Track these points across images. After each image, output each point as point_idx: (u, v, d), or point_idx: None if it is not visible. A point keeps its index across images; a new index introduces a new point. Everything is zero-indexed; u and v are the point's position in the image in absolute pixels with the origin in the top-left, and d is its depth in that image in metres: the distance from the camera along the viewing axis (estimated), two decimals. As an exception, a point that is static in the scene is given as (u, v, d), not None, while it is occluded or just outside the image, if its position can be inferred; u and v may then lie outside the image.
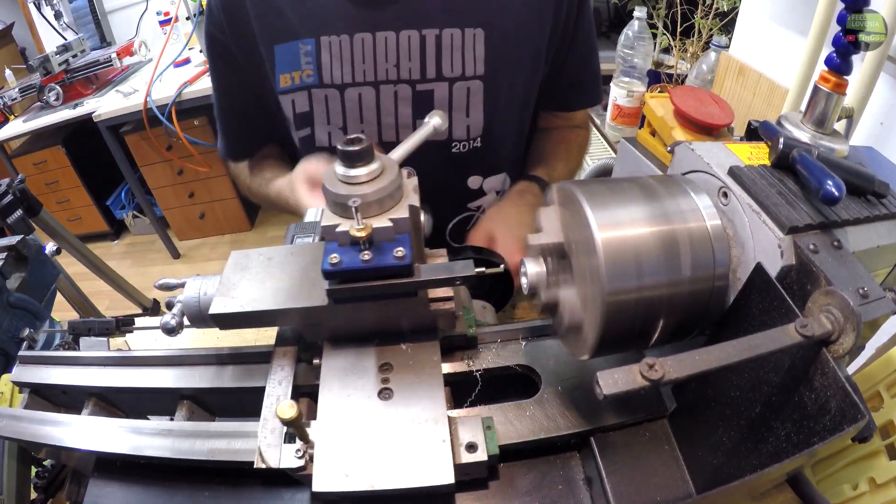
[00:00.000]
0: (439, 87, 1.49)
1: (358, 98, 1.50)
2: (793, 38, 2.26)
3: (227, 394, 1.06)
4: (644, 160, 1.09)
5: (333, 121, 1.53)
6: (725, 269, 0.78)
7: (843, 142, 0.95)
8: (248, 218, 5.68)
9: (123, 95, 4.66)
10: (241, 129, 1.72)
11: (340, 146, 0.86)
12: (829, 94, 0.93)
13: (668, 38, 3.20)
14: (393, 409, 0.86)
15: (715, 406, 0.82)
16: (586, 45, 1.65)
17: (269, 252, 1.00)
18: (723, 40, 2.79)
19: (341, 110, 1.51)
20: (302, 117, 1.54)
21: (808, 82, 1.98)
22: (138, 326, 1.35)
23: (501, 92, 1.54)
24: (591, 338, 0.78)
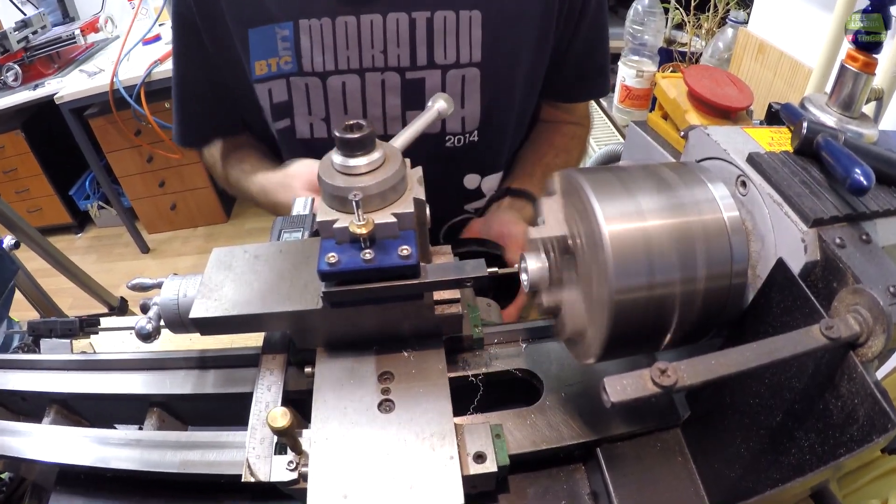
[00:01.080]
0: (431, 76, 1.47)
1: (341, 87, 1.47)
2: (817, 13, 2.26)
3: (207, 400, 1.06)
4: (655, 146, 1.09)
5: (315, 112, 1.51)
6: (744, 265, 0.78)
7: (873, 126, 0.95)
8: (223, 209, 5.68)
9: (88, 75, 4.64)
10: (199, 115, 1.68)
11: (338, 133, 0.85)
12: (857, 74, 0.93)
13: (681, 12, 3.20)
14: (395, 423, 0.86)
15: (732, 414, 0.81)
16: (594, 29, 1.63)
17: (255, 249, 0.99)
18: (741, 15, 2.79)
19: (323, 100, 1.49)
20: (280, 107, 1.52)
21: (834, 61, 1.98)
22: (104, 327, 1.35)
23: (501, 81, 1.52)
24: (597, 340, 0.78)
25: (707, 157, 0.89)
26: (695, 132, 0.92)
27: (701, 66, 1.13)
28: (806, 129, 0.81)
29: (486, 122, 1.56)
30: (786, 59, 2.37)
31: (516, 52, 1.50)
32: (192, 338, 1.27)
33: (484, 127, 1.57)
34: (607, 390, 0.60)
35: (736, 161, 0.83)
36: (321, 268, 0.81)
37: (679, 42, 3.32)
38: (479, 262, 0.87)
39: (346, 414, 0.86)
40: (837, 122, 0.94)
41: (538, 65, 1.58)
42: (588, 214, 0.76)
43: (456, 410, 0.87)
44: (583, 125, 1.89)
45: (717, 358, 0.63)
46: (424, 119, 1.04)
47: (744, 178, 0.82)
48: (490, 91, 1.51)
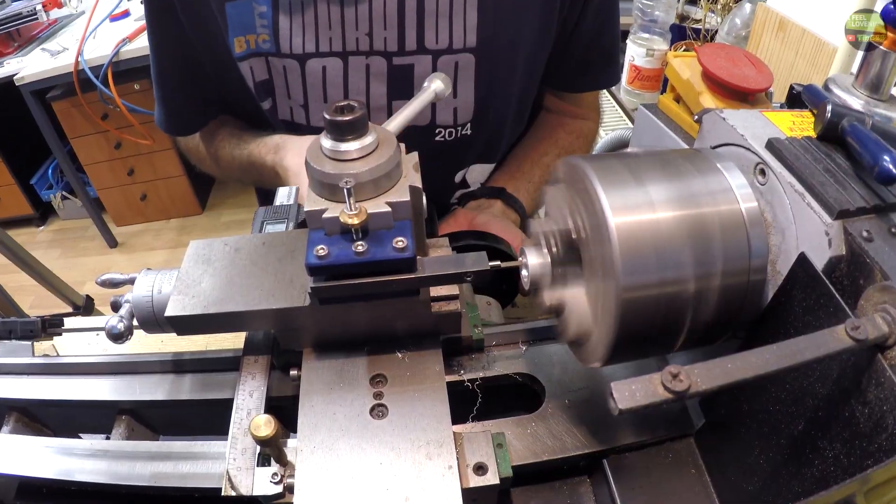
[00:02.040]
0: (421, 62, 1.44)
1: (321, 71, 1.45)
2: (842, -12, 2.26)
3: (182, 407, 1.06)
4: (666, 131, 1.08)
5: (294, 96, 1.50)
6: (763, 260, 0.78)
7: (902, 109, 0.95)
8: (198, 199, 5.66)
9: (51, 55, 4.62)
10: (188, 98, 1.66)
11: (328, 115, 0.84)
12: (886, 52, 0.93)
13: (694, -14, 3.20)
14: (388, 430, 0.86)
15: (750, 422, 0.82)
16: (603, 12, 1.60)
17: (236, 241, 0.99)
18: (759, -11, 2.79)
19: (301, 86, 1.47)
20: (263, 86, 1.50)
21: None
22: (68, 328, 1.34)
23: (498, 68, 1.49)
24: (603, 342, 0.78)
25: (723, 143, 0.89)
26: (709, 116, 0.92)
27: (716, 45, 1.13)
28: (830, 112, 0.81)
29: (480, 114, 1.54)
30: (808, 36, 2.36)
31: (515, 36, 1.47)
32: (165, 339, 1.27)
33: (478, 119, 1.55)
34: (614, 396, 0.60)
35: (754, 147, 0.83)
36: (309, 261, 0.81)
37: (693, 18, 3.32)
38: (479, 256, 0.87)
39: (336, 420, 0.86)
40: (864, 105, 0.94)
41: (540, 51, 1.56)
42: (593, 205, 0.76)
43: (453, 418, 0.87)
44: (590, 119, 1.87)
45: (733, 361, 0.63)
46: (420, 101, 1.03)
47: (763, 166, 0.82)
48: (486, 80, 1.49)
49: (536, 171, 1.71)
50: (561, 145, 1.78)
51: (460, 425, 0.92)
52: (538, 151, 1.76)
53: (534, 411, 0.95)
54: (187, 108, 1.68)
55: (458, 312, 0.94)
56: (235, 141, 1.63)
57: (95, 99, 4.67)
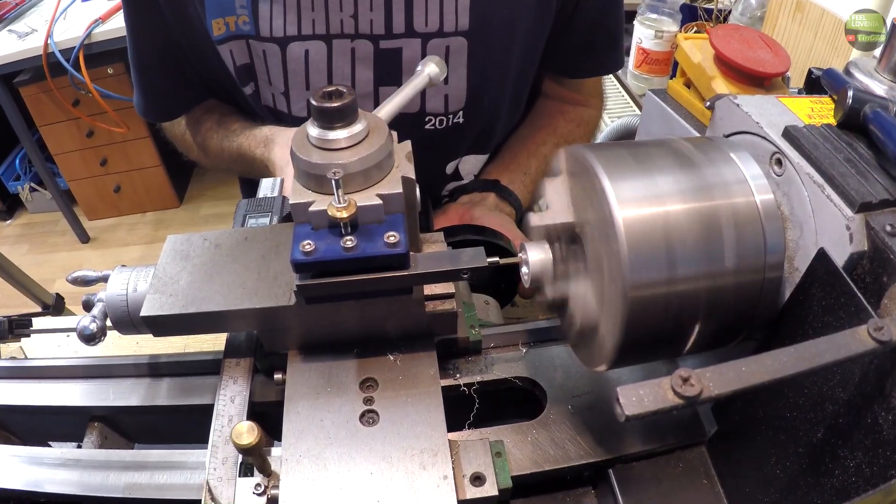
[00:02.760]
0: (409, 46, 1.43)
1: (304, 56, 1.44)
2: (863, -35, 2.26)
3: (158, 414, 1.05)
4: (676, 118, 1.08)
5: (275, 83, 1.49)
6: (779, 256, 0.78)
7: (928, 95, 0.95)
8: (175, 191, 5.65)
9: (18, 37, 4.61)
10: (169, 82, 1.65)
11: (315, 101, 0.83)
12: (911, 34, 0.93)
13: (706, -36, 3.20)
14: (379, 438, 0.86)
15: (766, 430, 0.82)
16: None
17: (216, 237, 0.99)
18: (776, -33, 2.79)
19: (282, 71, 1.46)
20: (244, 71, 1.50)
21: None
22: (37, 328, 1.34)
23: (492, 53, 1.49)
24: (609, 344, 0.78)
25: (737, 131, 0.89)
26: (722, 102, 0.92)
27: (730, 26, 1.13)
28: (851, 98, 0.81)
29: (473, 101, 1.53)
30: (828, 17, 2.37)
31: (511, 18, 1.46)
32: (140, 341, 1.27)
33: (471, 107, 1.54)
34: (621, 402, 0.60)
35: (770, 136, 0.83)
36: (295, 257, 0.80)
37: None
38: (477, 251, 0.87)
39: (323, 427, 0.86)
40: (888, 91, 0.94)
41: (538, 33, 1.55)
42: (598, 198, 0.76)
43: (449, 425, 0.87)
44: (592, 106, 1.86)
45: (748, 364, 0.63)
46: (413, 86, 1.03)
47: (779, 156, 0.81)
48: (479, 65, 1.48)
49: (533, 163, 1.71)
50: (560, 134, 1.78)
51: (456, 433, 0.92)
52: (535, 141, 1.76)
53: (535, 418, 0.95)
54: (168, 93, 1.68)
55: (453, 312, 0.94)
56: (224, 132, 1.63)
57: (66, 84, 4.65)
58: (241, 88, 1.53)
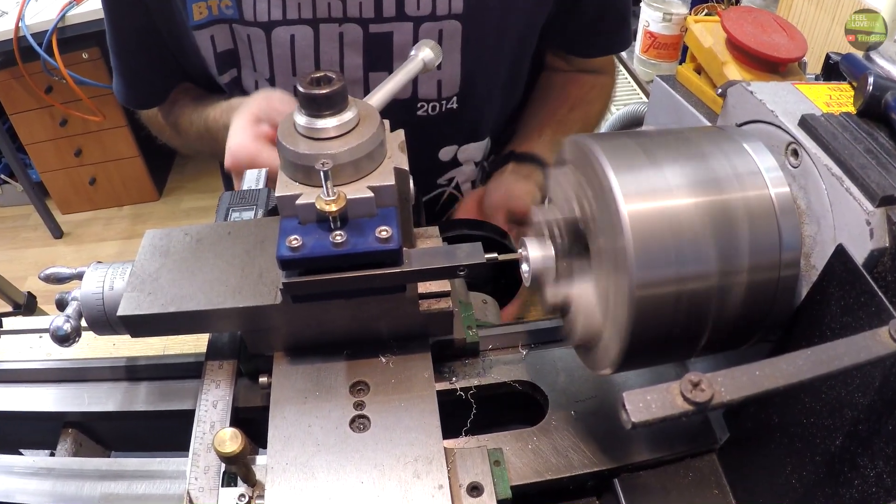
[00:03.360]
0: (401, 30, 1.43)
1: (290, 41, 1.44)
2: (885, -57, 2.26)
3: (136, 420, 1.05)
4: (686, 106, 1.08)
5: (260, 69, 1.49)
6: (795, 253, 0.78)
7: (953, 82, 0.95)
8: (154, 183, 5.64)
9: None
10: (150, 69, 1.65)
11: (301, 87, 0.83)
12: (935, 17, 0.93)
13: (717, -58, 3.20)
14: (370, 445, 0.85)
15: (781, 437, 0.82)
16: None
17: (197, 231, 0.98)
18: (791, -54, 2.79)
19: (267, 56, 1.46)
20: (226, 57, 1.50)
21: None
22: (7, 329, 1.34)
23: (487, 37, 1.49)
24: (615, 346, 0.78)
25: (750, 119, 0.89)
26: (735, 89, 0.91)
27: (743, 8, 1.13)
28: (872, 85, 0.81)
29: (467, 87, 1.53)
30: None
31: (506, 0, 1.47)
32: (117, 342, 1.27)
33: (465, 93, 1.54)
34: (627, 408, 0.60)
35: (786, 125, 0.83)
36: (281, 253, 0.80)
37: (716, -22, 3.32)
38: (474, 247, 0.86)
39: (311, 434, 0.86)
40: (911, 77, 0.94)
41: (535, 14, 1.55)
42: (603, 191, 0.75)
43: (444, 432, 0.87)
44: (606, 73, 1.86)
45: (762, 368, 0.63)
46: (406, 71, 1.03)
47: (795, 146, 0.81)
48: (473, 49, 1.48)
49: (549, 129, 1.70)
50: (573, 97, 1.77)
51: (452, 440, 0.92)
52: (548, 109, 1.75)
53: (535, 424, 0.95)
54: (150, 79, 1.68)
55: (449, 311, 0.94)
56: (194, 106, 1.63)
57: (38, 69, 4.64)
58: (219, 77, 1.53)
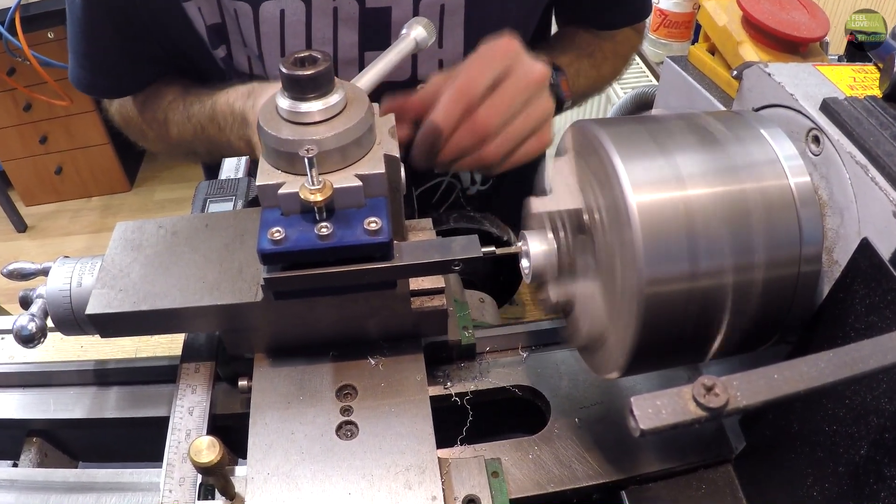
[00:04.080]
0: (399, 5, 1.42)
1: (279, 16, 1.43)
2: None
3: (106, 428, 1.05)
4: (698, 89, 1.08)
5: (248, 45, 1.48)
6: (817, 247, 0.78)
7: None
8: (125, 173, 5.64)
9: (-57, -5, 4.60)
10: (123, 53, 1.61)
11: (285, 69, 0.82)
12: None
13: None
14: (359, 453, 0.86)
15: (801, 446, 0.82)
16: None
17: (172, 223, 0.98)
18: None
19: (255, 33, 1.45)
20: (215, 32, 1.48)
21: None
22: (-35, 331, 1.34)
23: (491, 13, 1.48)
24: (622, 348, 0.78)
25: (768, 104, 0.89)
26: (752, 71, 0.91)
27: (760, -17, 1.13)
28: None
29: None
30: (871, -26, 2.37)
31: None
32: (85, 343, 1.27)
33: None
34: (636, 414, 0.60)
35: (806, 109, 0.83)
36: (262, 247, 0.79)
37: (731, -48, 3.32)
38: (470, 240, 0.86)
39: (294, 441, 0.86)
40: (941, 58, 0.94)
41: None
42: (609, 180, 0.75)
43: (438, 440, 0.87)
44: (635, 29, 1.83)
45: (781, 371, 0.63)
46: (397, 51, 1.02)
47: (817, 133, 0.81)
48: (477, 26, 1.47)
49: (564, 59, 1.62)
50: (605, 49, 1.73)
51: (447, 449, 0.92)
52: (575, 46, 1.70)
53: (536, 432, 0.95)
54: (122, 64, 1.64)
55: (443, 310, 0.94)
56: (192, 98, 1.57)
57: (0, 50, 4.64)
58: (213, 51, 1.51)
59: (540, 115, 1.16)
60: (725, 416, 0.60)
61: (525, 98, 1.13)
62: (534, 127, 1.16)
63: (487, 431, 0.95)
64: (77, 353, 1.28)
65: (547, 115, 1.17)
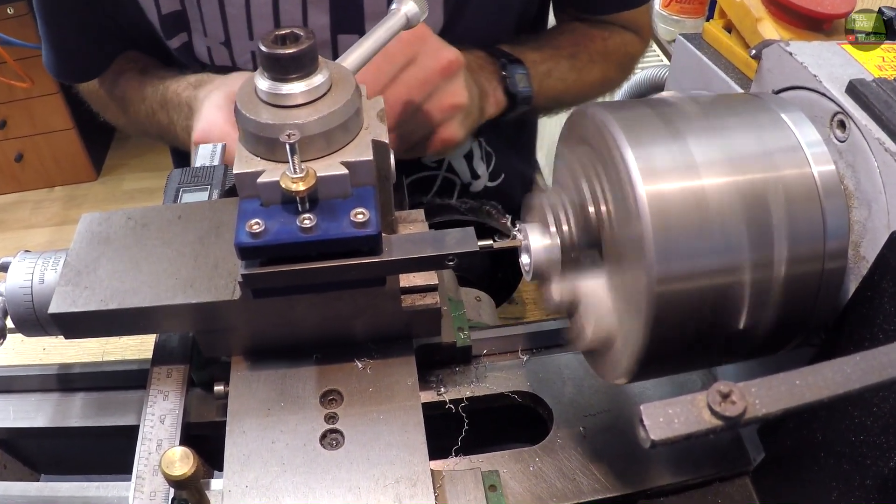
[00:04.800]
0: None
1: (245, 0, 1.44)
2: None
3: (70, 437, 1.05)
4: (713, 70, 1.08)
5: (212, 33, 1.48)
6: (842, 241, 0.78)
7: None
8: (91, 161, 5.63)
9: None
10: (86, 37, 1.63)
11: (265, 47, 0.81)
12: None
13: None
14: (345, 464, 0.85)
15: (826, 457, 0.82)
16: None
17: (142, 215, 0.98)
18: None
19: (220, 17, 1.46)
20: (172, 20, 1.49)
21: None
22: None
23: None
24: (631, 351, 0.78)
25: (789, 85, 0.89)
26: (771, 50, 0.91)
27: (781, -45, 1.13)
28: (932, 45, 0.81)
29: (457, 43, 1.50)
30: (901, -55, 2.37)
31: None
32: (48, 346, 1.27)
33: None
34: (646, 423, 0.60)
35: (831, 92, 0.83)
36: (240, 240, 0.79)
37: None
38: (465, 232, 0.86)
39: (275, 452, 0.86)
40: (978, 36, 0.94)
41: None
42: (617, 169, 0.75)
43: (431, 450, 0.87)
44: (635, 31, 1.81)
45: (803, 376, 0.63)
46: (387, 28, 1.02)
47: (842, 117, 0.81)
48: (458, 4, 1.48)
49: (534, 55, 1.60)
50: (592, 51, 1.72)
51: (441, 461, 0.92)
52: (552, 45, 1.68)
53: (538, 442, 0.95)
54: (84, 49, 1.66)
55: (436, 308, 0.94)
56: (149, 79, 1.60)
57: (-46, 27, 4.64)
58: (167, 42, 1.52)
59: (446, 107, 1.16)
60: (743, 425, 0.60)
61: (429, 89, 1.15)
62: (439, 119, 1.17)
63: (484, 441, 0.95)
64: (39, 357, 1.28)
65: (455, 107, 1.18)
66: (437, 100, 1.15)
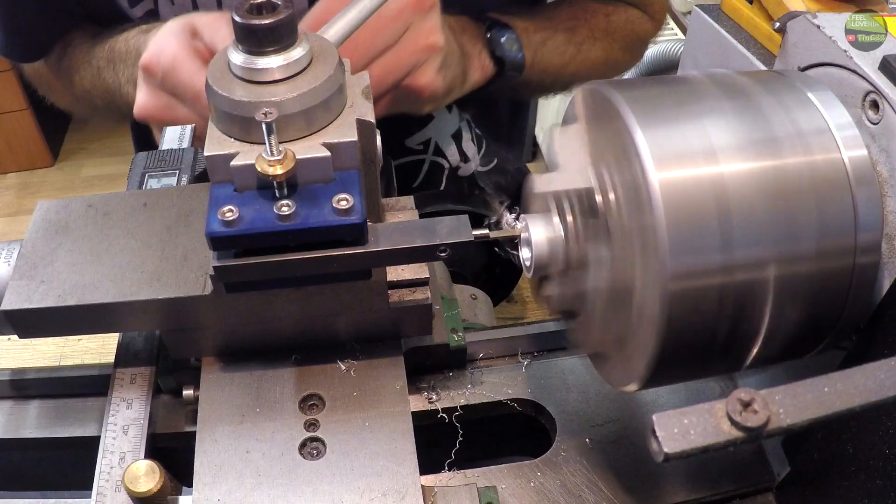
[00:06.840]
0: None
1: None
2: None
3: (24, 449, 1.05)
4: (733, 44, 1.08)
5: (179, 2, 1.48)
6: (875, 234, 0.78)
7: None
8: (47, 145, 5.63)
9: None
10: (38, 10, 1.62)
11: (238, 17, 0.80)
12: None
13: None
14: (326, 475, 0.85)
15: (856, 472, 0.82)
16: None
17: (104, 202, 0.98)
18: None
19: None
20: None
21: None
22: None
23: None
24: (642, 354, 0.78)
25: (817, 62, 0.88)
26: (797, 23, 0.91)
27: (808, -82, 1.13)
28: (975, 17, 0.81)
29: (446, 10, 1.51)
30: None
31: None
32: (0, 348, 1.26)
33: None
34: (659, 435, 0.60)
35: (863, 69, 0.83)
36: (212, 229, 0.78)
37: None
38: (459, 221, 0.85)
39: (250, 462, 0.86)
40: None
41: None
42: (627, 153, 0.75)
43: (423, 463, 0.87)
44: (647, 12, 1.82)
45: (832, 384, 0.63)
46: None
47: (875, 97, 0.81)
48: None
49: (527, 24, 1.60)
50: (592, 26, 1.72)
51: (432, 475, 0.92)
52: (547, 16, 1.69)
53: (539, 455, 0.95)
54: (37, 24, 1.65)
55: (427, 305, 0.94)
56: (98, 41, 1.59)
57: None
58: (130, 10, 1.51)
59: (420, 47, 1.15)
60: (766, 436, 0.60)
61: (399, 25, 1.12)
62: (412, 61, 1.15)
63: (481, 454, 0.96)
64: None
65: (430, 47, 1.16)
66: (409, 38, 1.13)
